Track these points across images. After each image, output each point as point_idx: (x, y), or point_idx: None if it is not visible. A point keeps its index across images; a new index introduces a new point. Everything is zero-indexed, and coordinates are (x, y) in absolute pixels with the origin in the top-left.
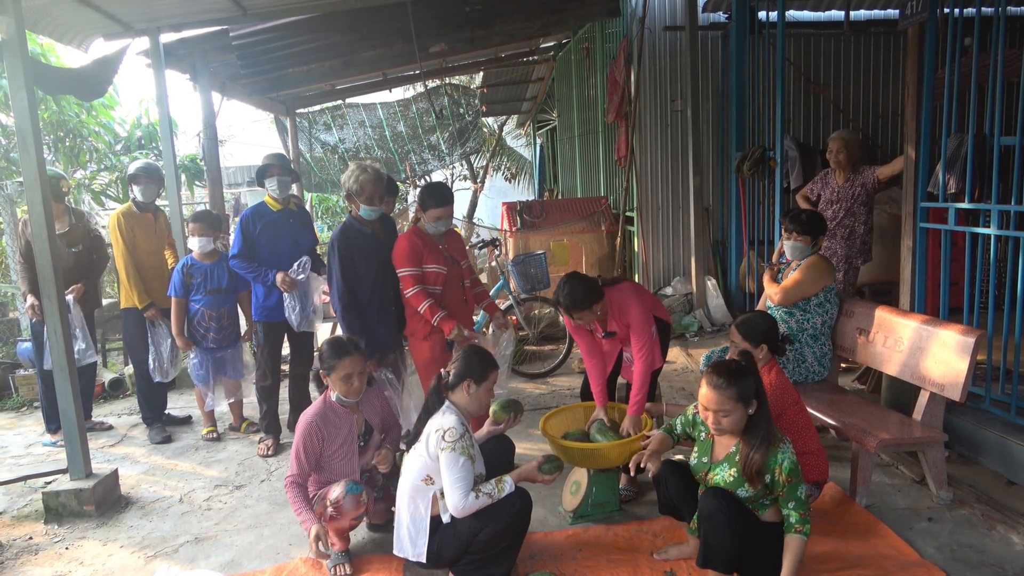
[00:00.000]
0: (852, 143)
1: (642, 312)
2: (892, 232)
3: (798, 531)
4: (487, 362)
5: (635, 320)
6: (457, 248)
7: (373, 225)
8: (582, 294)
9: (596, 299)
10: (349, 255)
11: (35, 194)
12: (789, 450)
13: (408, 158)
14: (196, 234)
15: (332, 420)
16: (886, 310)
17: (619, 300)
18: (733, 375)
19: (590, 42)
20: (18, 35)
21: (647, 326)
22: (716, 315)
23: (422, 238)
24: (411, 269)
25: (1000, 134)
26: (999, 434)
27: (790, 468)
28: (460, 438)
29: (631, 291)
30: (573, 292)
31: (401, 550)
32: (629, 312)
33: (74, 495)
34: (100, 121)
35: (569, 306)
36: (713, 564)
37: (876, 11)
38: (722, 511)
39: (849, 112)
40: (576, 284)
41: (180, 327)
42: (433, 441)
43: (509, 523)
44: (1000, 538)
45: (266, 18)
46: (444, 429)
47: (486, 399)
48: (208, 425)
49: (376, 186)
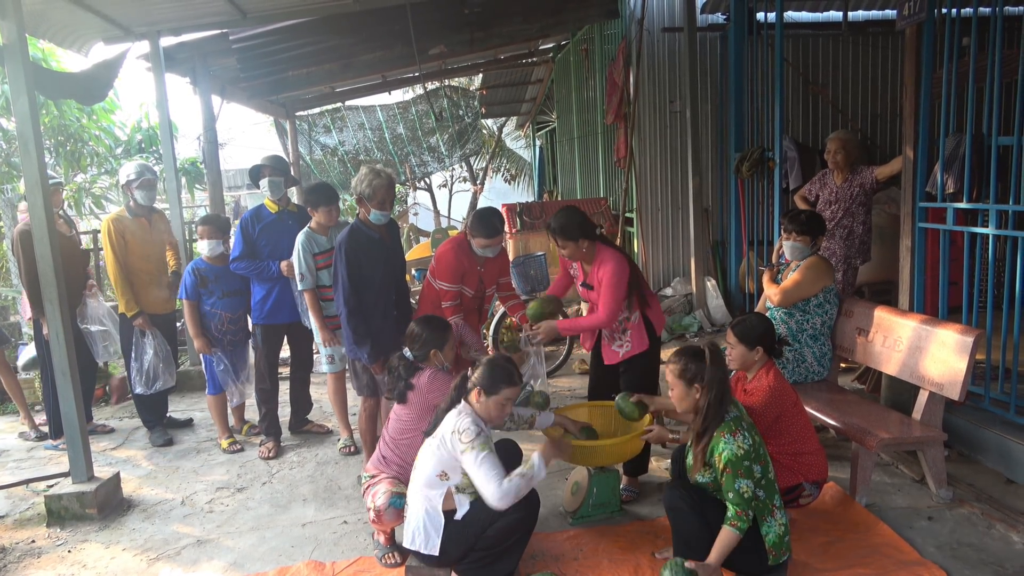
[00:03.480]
0: (850, 143)
1: (615, 275)
2: (891, 232)
3: (732, 524)
4: (503, 377)
5: (606, 279)
6: (493, 271)
7: (380, 229)
8: (574, 224)
9: (584, 236)
10: (356, 258)
11: (36, 198)
12: (734, 442)
13: (408, 160)
14: (206, 237)
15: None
16: (885, 310)
17: (605, 258)
18: (681, 353)
19: (589, 44)
20: (19, 39)
21: (617, 288)
22: (716, 315)
23: (468, 257)
24: (453, 285)
25: (998, 134)
26: (998, 433)
27: (728, 458)
28: (477, 436)
29: (619, 259)
30: (567, 219)
31: (412, 543)
32: (604, 270)
33: (76, 498)
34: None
35: (556, 230)
36: (690, 553)
37: (874, 11)
38: (683, 499)
39: (847, 112)
40: (572, 214)
41: (197, 328)
42: (450, 442)
43: (519, 518)
44: (1000, 536)
45: (266, 21)
46: (460, 431)
47: (496, 413)
48: (228, 436)
49: (389, 192)
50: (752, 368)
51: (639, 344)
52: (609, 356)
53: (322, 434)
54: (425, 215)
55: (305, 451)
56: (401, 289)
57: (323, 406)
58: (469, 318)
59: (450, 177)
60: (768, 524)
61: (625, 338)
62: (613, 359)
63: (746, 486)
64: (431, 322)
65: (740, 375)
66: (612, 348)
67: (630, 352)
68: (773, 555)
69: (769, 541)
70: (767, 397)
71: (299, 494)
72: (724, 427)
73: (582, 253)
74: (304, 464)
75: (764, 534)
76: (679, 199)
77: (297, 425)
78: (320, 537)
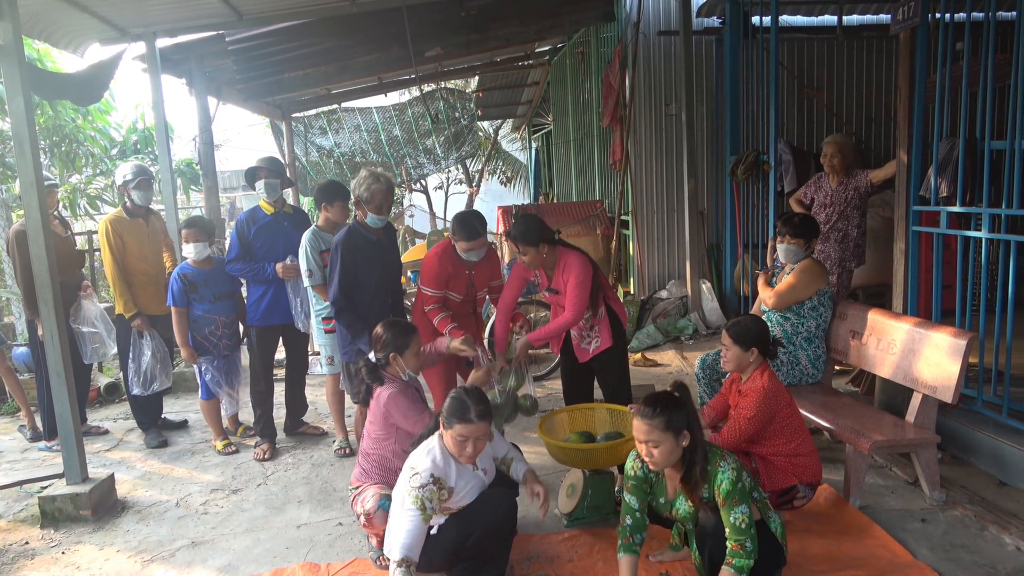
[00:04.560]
0: (846, 147)
1: (581, 274)
2: (885, 235)
3: (727, 562)
4: (454, 410)
5: (572, 279)
6: (483, 274)
7: (378, 232)
8: (533, 230)
9: (544, 240)
10: (351, 259)
11: (32, 199)
12: (729, 468)
13: (404, 162)
14: (191, 240)
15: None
16: (879, 313)
17: (569, 262)
18: (661, 405)
19: (585, 46)
20: (15, 40)
21: (583, 287)
22: (711, 318)
23: (453, 263)
24: (434, 290)
25: (991, 138)
26: (991, 435)
27: (727, 490)
28: (422, 487)
29: (582, 260)
30: (526, 226)
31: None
32: (569, 271)
33: (70, 500)
34: (96, 126)
35: (517, 237)
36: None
37: (868, 16)
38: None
39: (842, 116)
40: (531, 220)
41: (184, 337)
42: (405, 474)
43: (494, 528)
44: (992, 538)
45: (262, 23)
46: (414, 471)
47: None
48: (223, 438)
49: (387, 197)
50: (747, 370)
51: (607, 339)
52: (581, 354)
53: (317, 436)
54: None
55: (300, 453)
56: (396, 292)
57: (318, 408)
58: (465, 323)
59: (446, 179)
60: (773, 520)
61: (593, 334)
62: (585, 357)
63: (740, 512)
64: (395, 326)
65: (735, 377)
66: (582, 347)
67: (600, 347)
68: (787, 546)
69: (779, 534)
70: (761, 398)
71: (294, 496)
72: (713, 456)
73: (542, 259)
74: (299, 466)
75: (774, 530)
76: (675, 202)
77: (292, 427)
78: (315, 539)
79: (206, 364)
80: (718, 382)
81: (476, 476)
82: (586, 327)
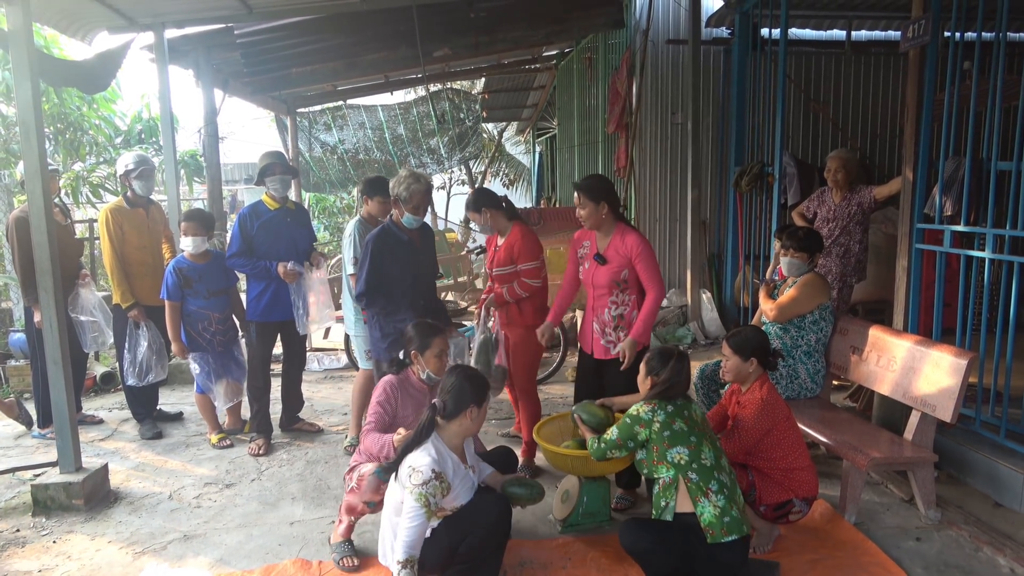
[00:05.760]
0: (851, 163)
1: (648, 247)
2: (887, 251)
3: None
4: (430, 330)
5: (643, 252)
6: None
7: (412, 233)
8: (602, 188)
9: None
10: (380, 256)
11: (35, 185)
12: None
13: (407, 161)
14: (189, 233)
15: (410, 392)
16: (880, 329)
17: (627, 230)
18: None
19: (593, 52)
20: (24, 26)
21: (653, 260)
22: (710, 328)
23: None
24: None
25: (997, 158)
26: (988, 456)
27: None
28: (424, 483)
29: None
30: (597, 181)
31: (386, 559)
32: (630, 239)
33: (63, 488)
34: (101, 114)
35: (583, 187)
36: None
37: (877, 32)
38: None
39: (847, 131)
40: (603, 179)
41: (177, 331)
42: (403, 475)
43: (489, 533)
44: (987, 559)
45: (271, 17)
46: (414, 469)
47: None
48: (218, 432)
49: (425, 197)
50: (747, 380)
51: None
52: (597, 350)
53: (313, 432)
54: None
55: (295, 449)
56: (429, 294)
57: (314, 405)
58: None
59: (449, 179)
60: (702, 504)
61: (619, 334)
62: (600, 354)
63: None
64: (421, 325)
65: (735, 387)
66: (602, 343)
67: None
68: (711, 534)
69: (704, 520)
70: (760, 410)
71: (288, 492)
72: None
73: (599, 218)
74: (294, 463)
75: (699, 513)
76: (677, 210)
77: (288, 423)
78: (308, 536)
79: (199, 360)
80: (716, 392)
81: (468, 476)
82: (611, 324)
